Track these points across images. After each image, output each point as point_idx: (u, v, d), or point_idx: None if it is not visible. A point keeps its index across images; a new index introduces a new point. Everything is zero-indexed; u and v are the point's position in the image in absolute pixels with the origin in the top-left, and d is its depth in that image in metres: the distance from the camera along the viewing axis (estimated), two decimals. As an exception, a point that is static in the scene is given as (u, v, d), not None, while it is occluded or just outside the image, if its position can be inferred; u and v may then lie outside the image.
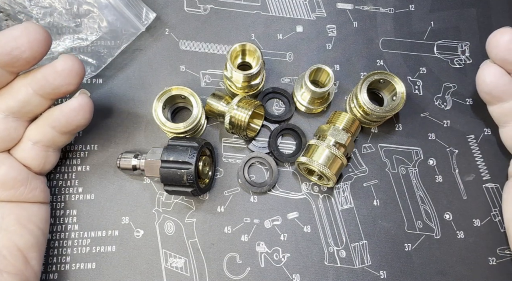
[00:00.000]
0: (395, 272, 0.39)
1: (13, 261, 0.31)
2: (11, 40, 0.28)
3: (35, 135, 0.33)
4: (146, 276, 0.38)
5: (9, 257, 0.31)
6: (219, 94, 0.40)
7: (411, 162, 0.42)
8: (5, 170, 0.32)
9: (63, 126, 0.33)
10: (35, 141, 0.33)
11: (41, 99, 0.32)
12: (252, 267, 0.39)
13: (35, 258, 0.33)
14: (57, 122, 0.33)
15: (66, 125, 0.33)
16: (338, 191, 0.41)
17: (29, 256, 0.33)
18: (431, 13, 0.46)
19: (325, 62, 0.44)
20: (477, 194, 0.41)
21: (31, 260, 0.33)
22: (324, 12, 0.46)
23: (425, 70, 0.44)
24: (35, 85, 0.31)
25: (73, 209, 0.39)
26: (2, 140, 0.32)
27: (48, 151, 0.35)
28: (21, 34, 0.29)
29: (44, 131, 0.33)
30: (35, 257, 0.33)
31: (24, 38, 0.29)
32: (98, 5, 0.40)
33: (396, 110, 0.38)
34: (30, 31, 0.29)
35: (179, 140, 0.36)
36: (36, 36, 0.29)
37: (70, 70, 0.31)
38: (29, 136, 0.33)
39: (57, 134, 0.34)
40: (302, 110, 0.42)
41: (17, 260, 0.32)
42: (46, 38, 0.30)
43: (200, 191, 0.36)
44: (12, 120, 0.32)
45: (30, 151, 0.34)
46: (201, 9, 0.45)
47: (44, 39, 0.29)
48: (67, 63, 0.31)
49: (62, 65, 0.31)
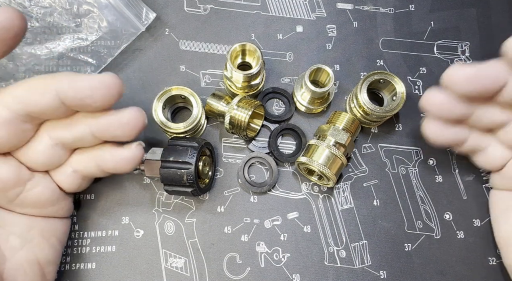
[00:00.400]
0: (395, 272, 0.39)
1: (32, 276, 0.31)
2: (87, 88, 0.28)
3: (77, 165, 0.33)
4: (146, 276, 0.38)
5: (29, 271, 0.31)
6: (219, 94, 0.40)
7: (411, 162, 0.42)
8: (40, 191, 0.32)
9: (108, 169, 0.33)
10: (76, 169, 0.33)
11: (95, 139, 0.32)
12: (252, 267, 0.39)
13: (51, 272, 0.33)
14: (104, 164, 0.33)
15: (112, 169, 0.33)
16: (338, 191, 0.41)
17: (46, 270, 0.33)
18: (431, 13, 0.46)
19: (325, 62, 0.44)
20: (477, 194, 0.41)
21: (48, 274, 0.33)
22: (324, 12, 0.46)
23: (425, 70, 0.44)
24: (95, 128, 0.31)
25: (73, 209, 0.39)
26: (45, 165, 0.32)
27: (85, 179, 0.35)
28: (98, 85, 0.28)
29: (88, 165, 0.33)
30: (51, 271, 0.33)
31: (100, 90, 0.28)
32: (98, 5, 0.40)
33: (396, 110, 0.38)
34: (107, 84, 0.28)
35: (179, 140, 0.36)
36: (112, 90, 0.28)
37: (135, 124, 0.31)
38: (72, 164, 0.33)
39: (99, 171, 0.33)
40: (302, 110, 0.42)
41: (35, 275, 0.31)
42: (120, 92, 0.29)
43: (200, 191, 0.36)
44: (60, 149, 0.32)
45: (68, 176, 0.33)
46: (201, 9, 0.45)
47: (118, 93, 0.29)
48: (134, 117, 0.31)
49: (129, 119, 0.30)
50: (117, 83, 0.29)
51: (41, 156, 0.31)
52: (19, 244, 0.31)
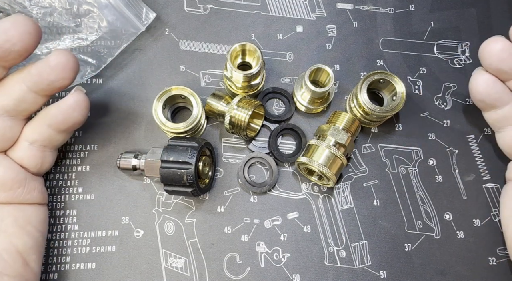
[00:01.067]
0: (395, 272, 0.39)
1: (12, 264, 0.31)
2: (2, 33, 0.28)
3: (31, 134, 0.33)
4: (146, 276, 0.38)
5: (9, 260, 0.31)
6: (219, 94, 0.40)
7: (411, 162, 0.42)
8: (2, 172, 0.32)
9: (60, 124, 0.33)
10: (31, 140, 0.33)
11: (35, 96, 0.31)
12: (252, 267, 0.39)
13: (34, 260, 0.33)
14: (54, 120, 0.33)
15: (63, 122, 0.33)
16: (338, 191, 0.41)
17: (28, 258, 0.32)
18: (431, 13, 0.46)
19: (325, 62, 0.44)
20: (477, 194, 0.41)
21: (30, 262, 0.33)
22: (324, 12, 0.46)
23: (425, 70, 0.44)
24: (29, 81, 0.31)
25: (73, 209, 0.39)
26: None
27: (45, 151, 0.35)
28: (11, 26, 0.28)
29: (41, 130, 0.33)
30: (34, 259, 0.33)
31: (14, 30, 0.28)
32: (98, 5, 0.40)
33: (396, 110, 0.38)
34: (19, 23, 0.28)
35: (179, 140, 0.36)
36: (26, 27, 0.28)
37: (64, 64, 0.30)
38: (26, 136, 0.33)
39: (54, 133, 0.33)
40: (302, 110, 0.42)
41: (16, 262, 0.31)
42: (36, 29, 0.29)
43: (200, 191, 0.36)
44: (7, 119, 0.32)
45: (27, 151, 0.33)
46: (201, 9, 0.45)
47: (34, 30, 0.29)
48: (61, 57, 0.30)
49: (56, 60, 0.30)
50: (30, 21, 0.29)
51: None
52: None
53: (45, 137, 0.33)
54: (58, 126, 0.33)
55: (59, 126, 0.33)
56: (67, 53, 0.31)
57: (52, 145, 0.35)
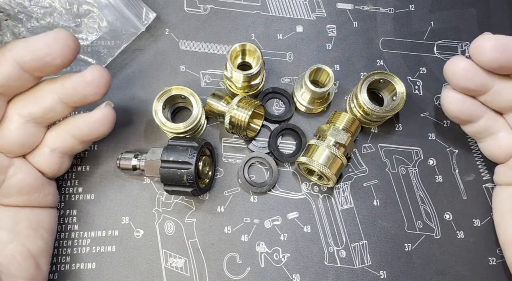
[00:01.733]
0: (395, 272, 0.39)
1: (26, 267, 0.31)
2: (44, 46, 0.29)
3: (54, 142, 0.33)
4: (146, 276, 0.38)
5: (22, 263, 0.31)
6: (219, 94, 0.40)
7: (411, 162, 0.42)
8: (22, 177, 0.32)
9: (85, 136, 0.33)
10: (53, 148, 0.33)
11: (65, 106, 0.32)
12: (252, 267, 0.39)
13: (45, 263, 0.34)
14: (80, 132, 0.33)
15: (88, 135, 0.33)
16: (338, 191, 0.41)
17: (39, 261, 0.33)
18: (431, 13, 0.46)
19: (325, 62, 0.44)
20: (477, 194, 0.41)
21: (41, 264, 0.33)
22: (324, 12, 0.46)
23: (425, 70, 0.44)
24: (62, 93, 0.31)
25: (73, 209, 0.39)
26: (20, 145, 0.32)
27: (63, 158, 0.35)
28: (54, 41, 0.29)
29: (64, 138, 0.33)
30: (45, 262, 0.34)
31: (56, 45, 0.29)
32: (98, 5, 0.40)
33: (396, 110, 0.38)
34: (62, 38, 0.29)
35: (179, 140, 0.36)
36: (68, 42, 0.29)
37: (99, 80, 0.31)
38: (48, 143, 0.33)
39: (76, 142, 0.34)
40: (302, 110, 0.42)
41: (29, 265, 0.32)
42: (76, 45, 0.30)
43: (200, 191, 0.36)
44: (32, 126, 0.32)
45: (46, 157, 0.34)
46: (201, 9, 0.45)
47: (74, 46, 0.30)
48: (97, 73, 0.31)
49: (92, 75, 0.31)
50: (71, 37, 0.29)
51: (15, 136, 0.31)
52: (8, 237, 0.31)
53: (67, 145, 0.34)
54: (82, 138, 0.33)
55: (83, 138, 0.34)
56: (102, 69, 0.32)
57: (71, 153, 0.36)
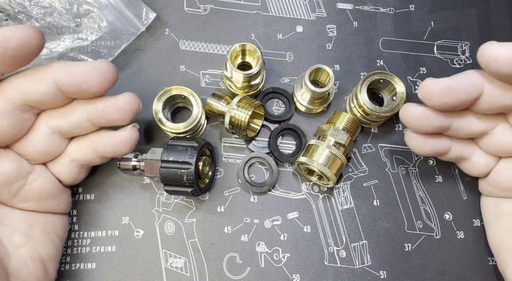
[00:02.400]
0: (395, 272, 0.39)
1: (35, 272, 0.32)
2: (83, 74, 0.29)
3: (75, 153, 0.34)
4: (146, 276, 0.38)
5: (33, 268, 0.31)
6: (219, 94, 0.40)
7: (411, 162, 0.42)
8: (41, 183, 0.33)
9: (106, 153, 0.34)
10: (73, 158, 0.34)
11: (91, 125, 0.33)
12: (252, 267, 0.39)
13: (53, 269, 0.34)
14: (102, 148, 0.34)
15: (110, 152, 0.34)
16: (338, 191, 0.41)
17: (48, 266, 0.33)
18: (431, 13, 0.46)
19: (325, 62, 0.44)
20: (477, 194, 0.41)
21: (50, 270, 0.33)
22: (324, 12, 0.46)
23: (425, 70, 0.44)
24: (92, 113, 0.32)
25: (73, 209, 0.39)
26: (44, 154, 0.33)
27: (82, 168, 0.36)
28: (93, 70, 0.29)
29: (86, 152, 0.34)
30: (53, 268, 0.34)
31: (95, 75, 0.29)
32: (98, 5, 0.40)
33: (396, 110, 0.38)
34: (102, 69, 0.30)
35: (179, 140, 0.36)
36: (107, 74, 0.30)
37: (130, 107, 0.32)
38: (69, 154, 0.34)
39: (96, 157, 0.34)
40: (302, 110, 0.42)
41: (39, 270, 0.32)
42: (114, 77, 0.31)
43: (200, 191, 0.36)
44: (57, 137, 0.33)
45: (66, 167, 0.34)
46: (201, 9, 0.45)
47: (113, 78, 0.30)
48: (129, 100, 0.32)
49: (124, 102, 0.32)
50: (111, 68, 0.30)
51: (39, 146, 0.32)
52: (22, 241, 0.32)
53: (87, 158, 0.34)
54: (104, 154, 0.34)
55: (104, 154, 0.34)
56: (135, 97, 0.32)
57: (90, 165, 0.36)
